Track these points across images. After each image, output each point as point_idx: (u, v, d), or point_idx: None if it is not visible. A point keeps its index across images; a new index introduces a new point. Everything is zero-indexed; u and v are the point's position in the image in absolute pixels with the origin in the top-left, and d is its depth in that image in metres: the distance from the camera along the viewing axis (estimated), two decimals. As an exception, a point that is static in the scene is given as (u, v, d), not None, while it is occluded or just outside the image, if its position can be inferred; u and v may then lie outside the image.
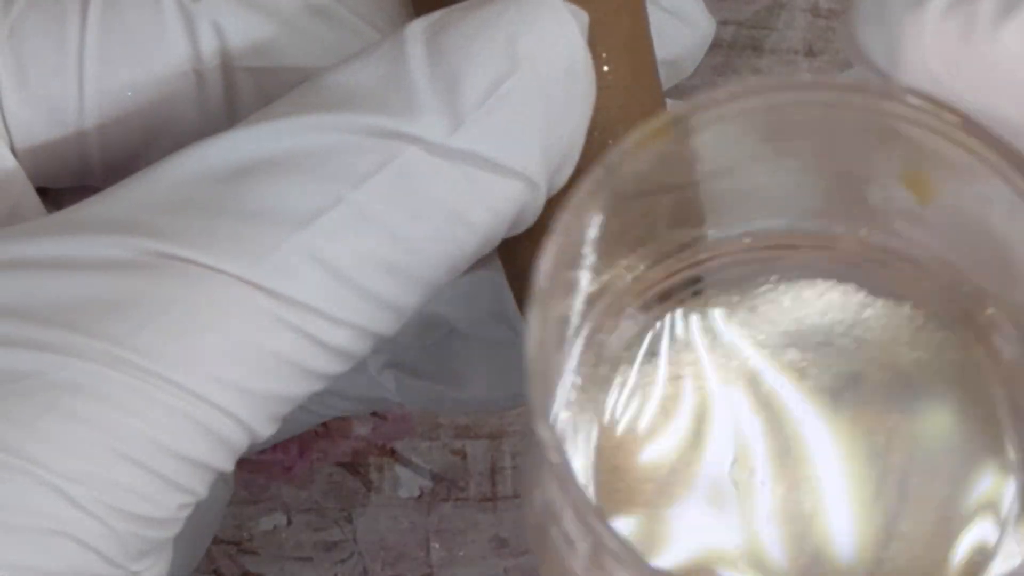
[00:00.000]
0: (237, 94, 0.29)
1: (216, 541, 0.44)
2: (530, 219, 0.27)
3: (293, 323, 0.25)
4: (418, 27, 0.26)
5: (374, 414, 0.44)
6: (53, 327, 0.25)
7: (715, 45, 0.45)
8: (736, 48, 0.45)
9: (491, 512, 0.44)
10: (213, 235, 0.25)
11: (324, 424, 0.44)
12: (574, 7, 0.26)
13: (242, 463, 0.27)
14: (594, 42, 0.27)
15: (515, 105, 0.26)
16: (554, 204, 0.27)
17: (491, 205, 0.26)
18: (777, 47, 0.45)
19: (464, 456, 0.44)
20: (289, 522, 0.44)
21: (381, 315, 0.26)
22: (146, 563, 0.26)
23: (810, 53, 0.45)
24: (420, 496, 0.44)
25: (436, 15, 0.26)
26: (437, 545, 0.44)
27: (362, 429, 0.44)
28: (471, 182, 0.26)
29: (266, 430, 0.26)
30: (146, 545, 0.25)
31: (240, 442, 0.26)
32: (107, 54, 0.28)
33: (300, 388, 0.26)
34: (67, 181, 0.30)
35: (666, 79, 0.32)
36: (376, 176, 0.25)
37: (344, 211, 0.25)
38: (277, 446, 0.44)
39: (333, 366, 0.26)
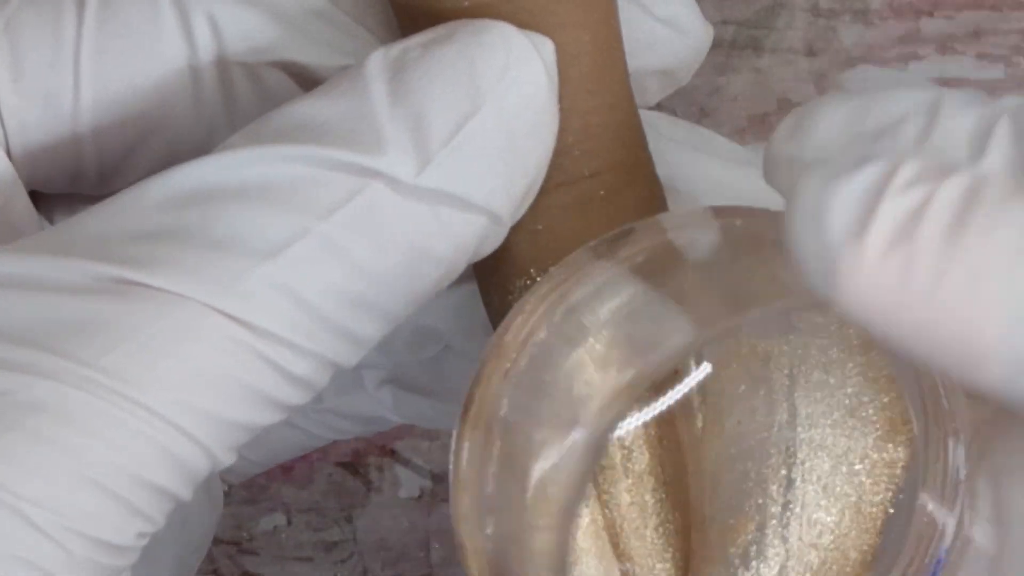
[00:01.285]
0: (233, 89, 0.29)
1: (216, 541, 0.44)
2: (492, 248, 0.27)
3: (259, 351, 0.25)
4: (379, 63, 0.26)
5: (374, 414, 0.44)
6: (20, 346, 0.25)
7: (715, 45, 0.45)
8: (736, 48, 0.45)
9: (491, 512, 0.44)
10: (181, 263, 0.25)
11: (324, 424, 0.44)
12: (538, 37, 0.27)
13: (242, 462, 0.27)
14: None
15: (479, 143, 0.26)
16: (517, 227, 0.27)
17: (455, 240, 0.26)
18: (777, 47, 0.45)
19: (464, 456, 0.44)
20: (289, 522, 0.44)
21: (343, 346, 0.26)
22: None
23: (810, 52, 0.45)
24: (420, 496, 0.44)
25: (397, 48, 0.26)
26: (437, 545, 0.44)
27: (362, 429, 0.44)
28: (436, 218, 0.26)
29: (226, 458, 0.26)
30: (101, 573, 0.25)
31: (200, 469, 0.26)
32: (103, 49, 0.28)
33: (262, 417, 0.26)
34: (60, 179, 0.29)
35: (661, 88, 0.32)
36: (343, 209, 0.26)
37: (311, 243, 0.25)
38: (277, 446, 0.44)
39: (295, 396, 0.26)
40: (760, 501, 0.27)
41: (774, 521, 0.27)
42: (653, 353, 0.24)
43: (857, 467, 0.27)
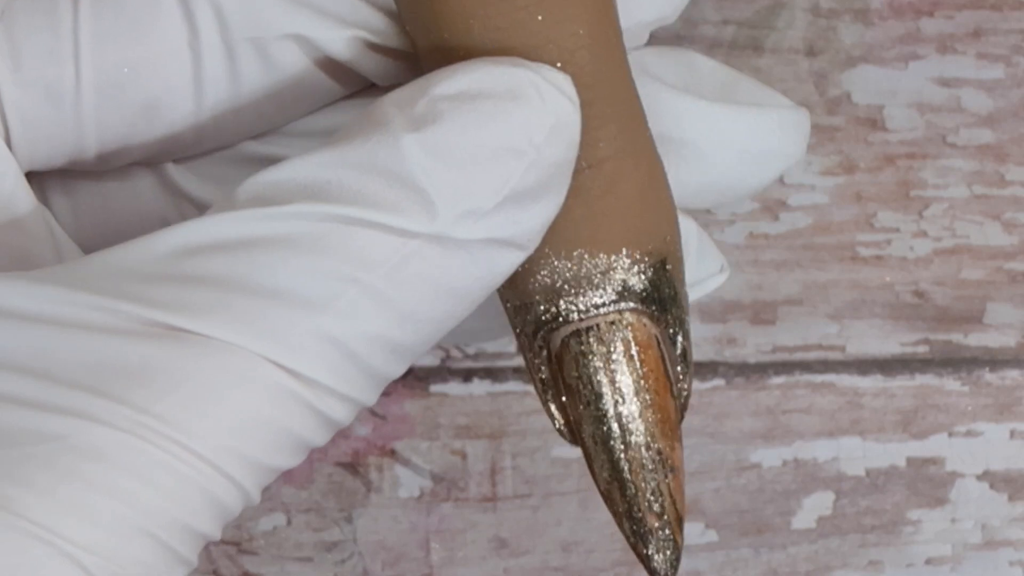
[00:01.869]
0: (238, 67, 0.29)
1: (215, 541, 0.44)
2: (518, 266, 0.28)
3: (306, 400, 0.26)
4: (405, 116, 0.26)
5: (374, 414, 0.44)
6: (73, 389, 0.25)
7: (715, 45, 0.45)
8: (736, 48, 0.45)
9: (491, 512, 0.44)
10: (231, 311, 0.25)
11: (324, 424, 0.44)
12: (556, 76, 0.27)
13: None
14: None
15: (522, 193, 0.26)
16: None
17: (492, 279, 0.27)
18: (778, 47, 0.45)
19: (464, 456, 0.44)
20: (289, 522, 0.44)
21: (377, 388, 0.27)
22: None
23: (811, 52, 0.45)
24: (420, 496, 0.44)
25: (421, 102, 0.26)
26: (437, 545, 0.44)
27: (362, 429, 0.44)
28: (478, 264, 0.26)
29: (257, 498, 0.26)
30: None
31: (236, 511, 0.26)
32: (102, 35, 0.28)
33: (296, 459, 0.27)
34: (59, 161, 0.29)
35: (650, 31, 0.31)
36: (390, 263, 0.26)
37: (359, 295, 0.26)
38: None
39: (325, 438, 0.27)
40: None
41: None
42: None
43: None
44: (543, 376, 0.29)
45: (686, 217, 0.30)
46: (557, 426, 0.29)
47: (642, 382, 0.28)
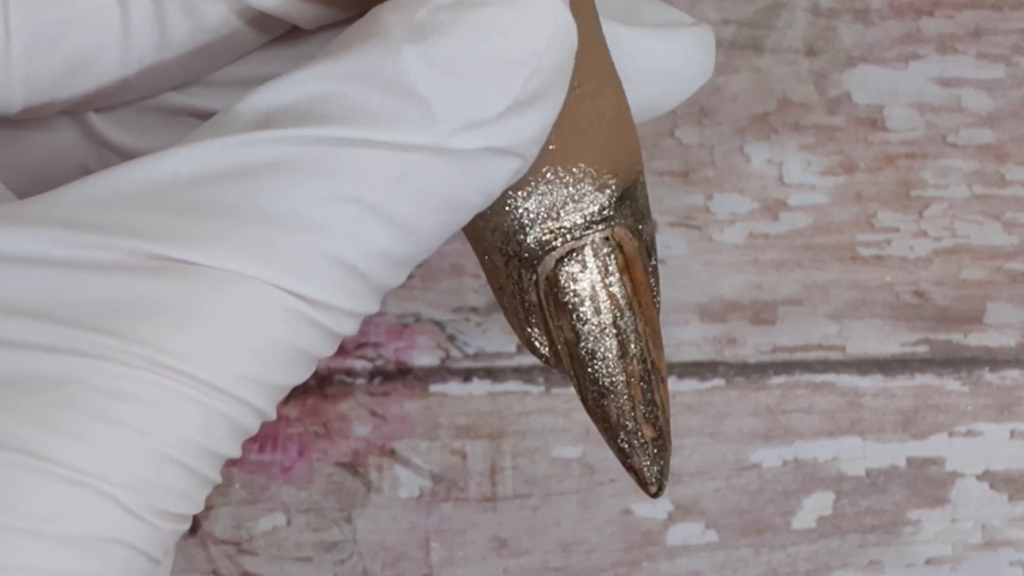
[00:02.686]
0: (166, 25, 0.29)
1: (215, 541, 0.44)
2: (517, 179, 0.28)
3: (315, 320, 0.26)
4: (404, 26, 0.26)
5: (374, 414, 0.44)
6: (87, 331, 0.25)
7: (715, 44, 0.45)
8: (736, 47, 0.45)
9: (491, 512, 0.44)
10: (232, 239, 0.26)
11: (324, 424, 0.44)
12: None
13: (242, 463, 0.27)
14: None
15: (523, 103, 0.26)
16: None
17: (491, 187, 0.27)
18: (778, 46, 0.45)
19: (464, 456, 0.44)
20: (288, 522, 0.44)
21: (379, 299, 0.27)
22: (168, 555, 0.27)
23: (811, 52, 0.45)
24: (420, 496, 0.44)
25: (421, 11, 0.26)
26: (437, 545, 0.44)
27: (361, 429, 0.44)
28: (478, 172, 0.27)
29: (273, 415, 0.27)
30: (175, 538, 0.26)
31: (254, 430, 0.27)
32: None
33: (308, 373, 0.27)
34: None
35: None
36: (391, 179, 0.26)
37: (361, 213, 0.26)
38: (276, 446, 0.44)
39: (334, 349, 0.27)
40: None
41: None
42: None
43: None
44: (528, 302, 0.29)
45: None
46: (539, 351, 0.30)
47: (634, 294, 0.29)
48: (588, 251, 0.29)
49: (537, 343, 0.30)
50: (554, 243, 0.28)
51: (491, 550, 0.44)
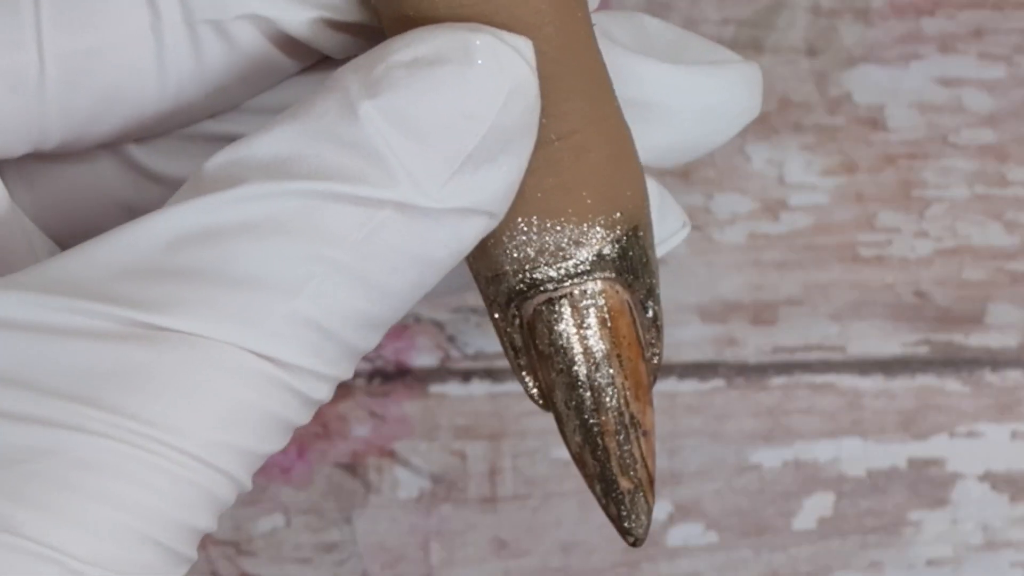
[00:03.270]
0: (201, 49, 0.29)
1: (214, 542, 0.44)
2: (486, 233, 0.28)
3: (289, 384, 0.26)
4: (359, 83, 0.26)
5: (373, 415, 0.44)
6: (62, 400, 0.25)
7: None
8: (737, 47, 0.45)
9: (491, 513, 0.44)
10: (206, 304, 0.25)
11: (323, 425, 0.44)
12: (515, 39, 0.27)
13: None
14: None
15: (484, 159, 0.26)
16: None
17: (460, 245, 0.27)
18: (778, 46, 0.45)
19: (463, 457, 0.44)
20: (288, 523, 0.44)
21: (354, 362, 0.27)
22: None
23: (811, 52, 0.45)
24: (419, 497, 0.44)
25: (378, 68, 0.26)
26: (436, 546, 0.44)
27: (361, 430, 0.44)
28: (444, 231, 0.27)
29: (249, 486, 0.27)
30: None
31: (230, 501, 0.26)
32: (63, 22, 0.28)
33: (283, 441, 0.27)
34: (21, 148, 0.29)
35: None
36: (357, 237, 0.26)
37: (330, 273, 0.26)
38: (276, 447, 0.44)
39: (309, 416, 0.27)
40: None
41: None
42: None
43: None
44: (516, 343, 0.29)
45: (648, 177, 0.31)
46: (529, 391, 0.30)
47: (614, 348, 0.29)
48: (565, 303, 0.29)
49: (528, 383, 0.30)
50: (535, 290, 0.28)
51: (491, 551, 0.44)
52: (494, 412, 0.44)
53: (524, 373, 0.30)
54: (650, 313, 0.30)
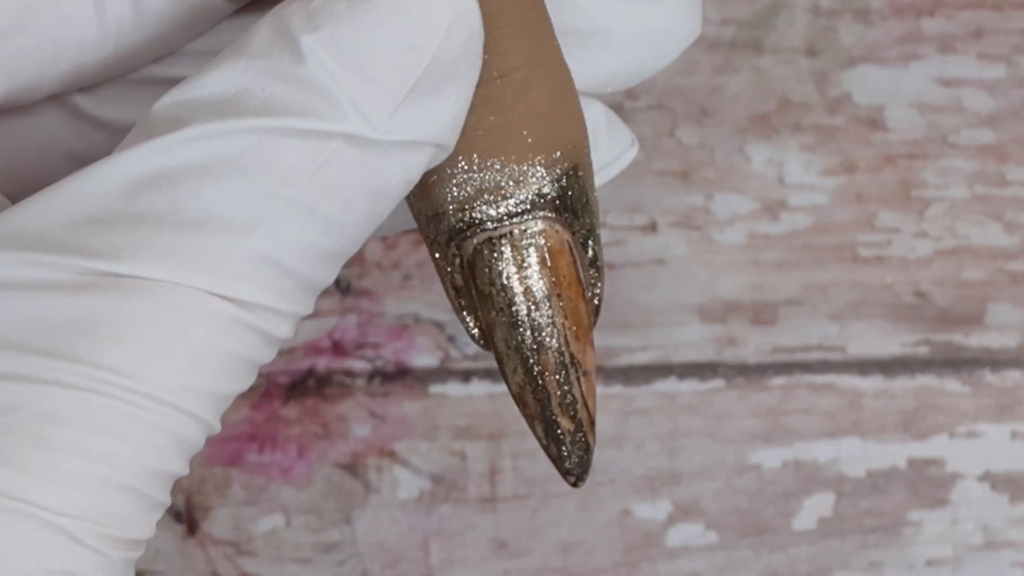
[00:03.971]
0: (142, 1, 0.29)
1: (214, 542, 0.44)
2: (435, 164, 0.28)
3: (251, 324, 0.26)
4: (301, 18, 0.26)
5: (373, 415, 0.44)
6: (22, 353, 0.25)
7: (715, 44, 0.45)
8: (737, 47, 0.45)
9: (490, 513, 0.44)
10: (163, 249, 0.25)
11: (323, 425, 0.44)
12: None
13: (241, 464, 0.27)
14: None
15: (429, 87, 0.26)
16: None
17: (409, 175, 0.27)
18: (778, 46, 0.45)
19: (463, 457, 0.44)
20: (288, 523, 0.44)
21: (314, 297, 0.27)
22: None
23: (811, 52, 0.45)
24: (419, 497, 0.44)
25: (316, 1, 0.26)
26: (436, 546, 0.44)
27: (361, 430, 0.44)
28: (393, 161, 0.27)
29: (218, 428, 0.27)
30: (128, 568, 0.26)
31: (199, 444, 0.26)
32: None
33: (250, 381, 0.27)
34: None
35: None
36: (308, 172, 0.26)
37: (285, 210, 0.26)
38: (275, 447, 0.44)
39: (273, 354, 0.27)
40: None
41: None
42: None
43: None
44: (456, 283, 0.29)
45: (593, 100, 0.31)
46: (470, 331, 0.30)
47: (555, 288, 0.29)
48: (504, 242, 0.29)
49: (468, 323, 0.30)
50: (475, 229, 0.29)
51: (491, 551, 0.44)
52: (494, 412, 0.44)
53: (465, 313, 0.30)
54: (591, 253, 0.30)
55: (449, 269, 0.29)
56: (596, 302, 0.30)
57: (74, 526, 0.25)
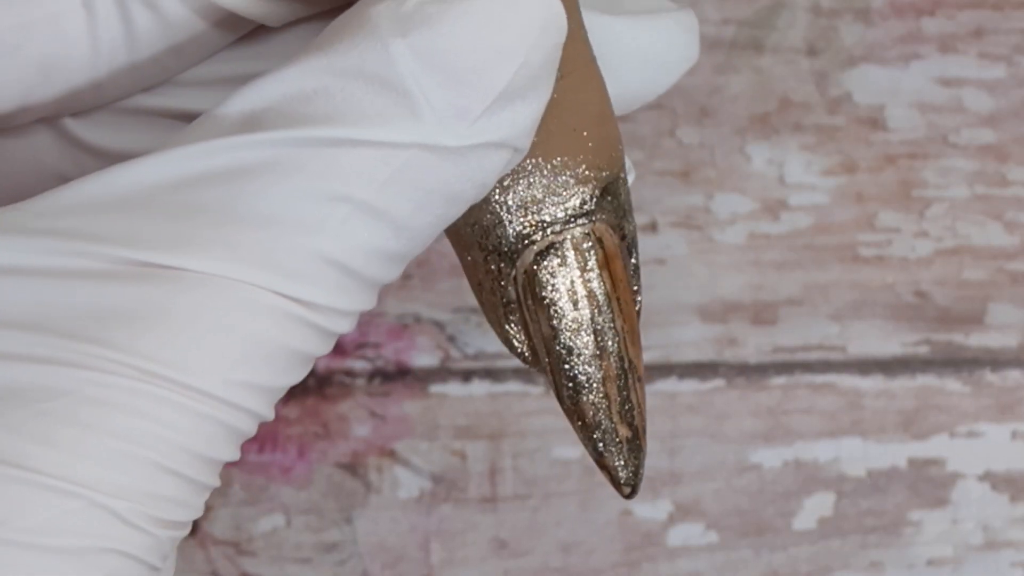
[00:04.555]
0: (132, 19, 0.29)
1: (215, 542, 0.44)
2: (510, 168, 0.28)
3: (309, 320, 0.26)
4: (391, 19, 0.26)
5: (373, 415, 0.44)
6: (77, 341, 0.25)
7: (715, 44, 0.45)
8: (737, 47, 0.45)
9: (491, 513, 0.44)
10: (223, 243, 0.25)
11: (323, 425, 0.44)
12: None
13: (241, 464, 0.27)
14: None
15: (515, 94, 0.26)
16: None
17: (484, 179, 0.27)
18: (778, 46, 0.45)
19: (464, 457, 0.44)
20: (288, 523, 0.44)
21: (375, 295, 0.27)
22: (168, 560, 0.27)
23: (811, 52, 0.45)
24: (420, 497, 0.44)
25: (408, 4, 0.26)
26: (437, 546, 0.44)
27: (361, 430, 0.44)
28: (470, 167, 0.26)
29: (271, 416, 0.27)
30: (174, 544, 0.26)
31: (251, 432, 0.26)
32: None
33: (304, 372, 0.27)
34: None
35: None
36: (381, 177, 0.26)
37: (352, 211, 0.26)
38: (276, 447, 0.44)
39: (330, 347, 0.27)
40: None
41: None
42: None
43: None
44: (508, 297, 0.29)
45: None
46: (516, 349, 0.30)
47: (613, 291, 0.29)
48: (568, 245, 0.28)
49: (515, 340, 0.30)
50: (533, 237, 0.28)
51: (491, 551, 0.44)
52: (494, 412, 0.44)
53: (514, 328, 0.30)
54: (633, 259, 0.30)
55: (503, 283, 0.29)
56: (638, 308, 0.30)
57: (122, 507, 0.25)
